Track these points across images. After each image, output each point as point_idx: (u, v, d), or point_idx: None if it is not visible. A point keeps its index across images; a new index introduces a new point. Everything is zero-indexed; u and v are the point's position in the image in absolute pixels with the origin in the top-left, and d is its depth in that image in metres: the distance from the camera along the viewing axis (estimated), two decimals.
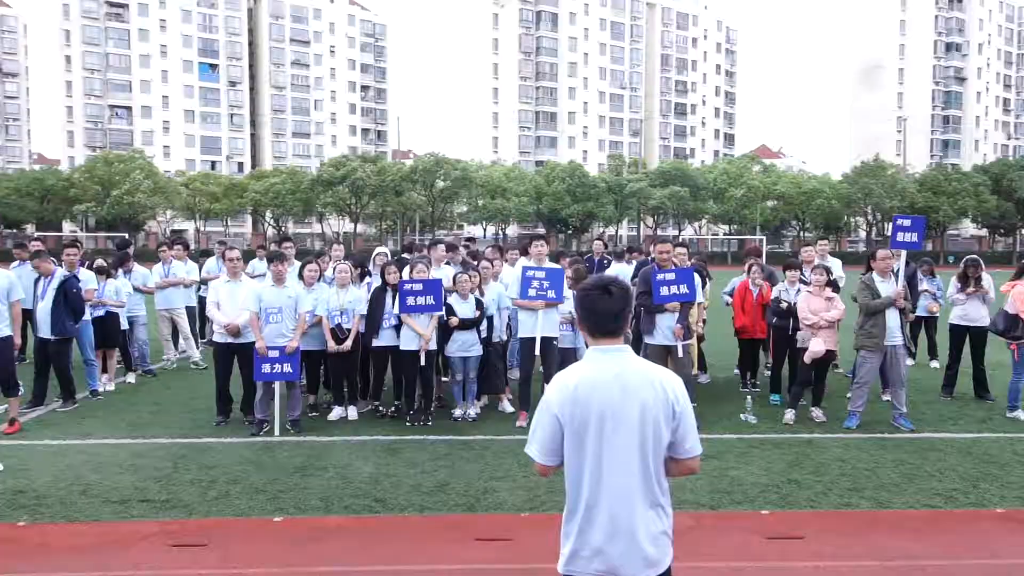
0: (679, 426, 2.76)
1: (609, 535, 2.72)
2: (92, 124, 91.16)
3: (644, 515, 2.74)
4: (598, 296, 2.80)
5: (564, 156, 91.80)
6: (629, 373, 2.75)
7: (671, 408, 2.74)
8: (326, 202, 64.43)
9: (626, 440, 2.71)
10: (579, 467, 2.77)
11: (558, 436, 2.78)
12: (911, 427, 8.16)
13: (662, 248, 8.35)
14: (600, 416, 2.71)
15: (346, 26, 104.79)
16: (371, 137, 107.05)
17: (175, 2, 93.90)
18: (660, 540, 2.78)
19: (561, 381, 2.81)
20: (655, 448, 2.74)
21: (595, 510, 2.75)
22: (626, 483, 2.72)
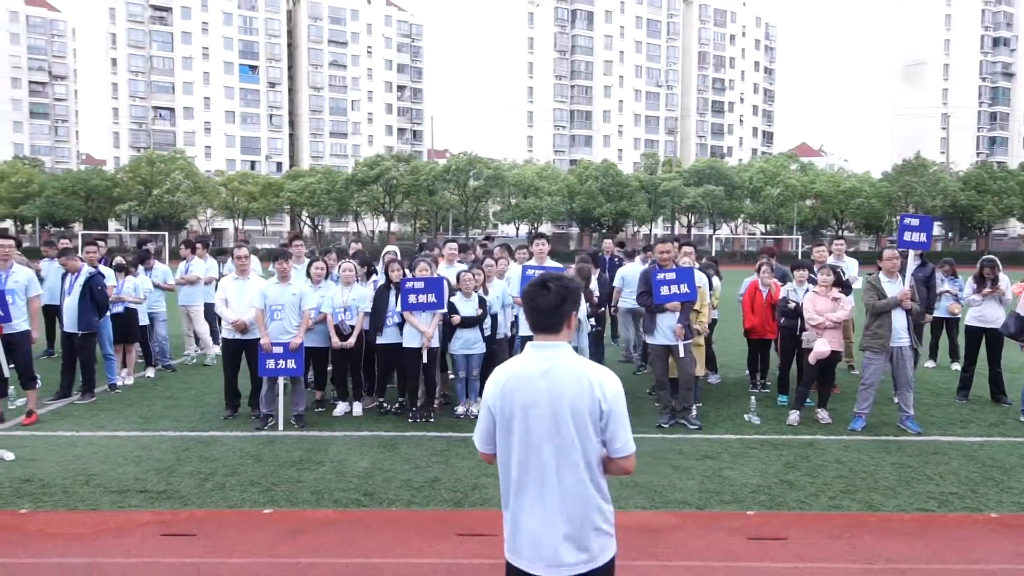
0: (607, 424, 2.79)
1: (535, 526, 2.77)
2: (136, 125, 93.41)
3: (572, 508, 2.77)
4: (536, 292, 2.85)
5: (599, 155, 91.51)
6: (558, 369, 2.78)
7: (597, 406, 2.77)
8: (360, 201, 65.10)
9: (550, 434, 2.75)
10: (508, 457, 2.85)
11: (491, 427, 2.89)
12: (918, 430, 8.03)
13: (662, 248, 8.33)
14: (524, 409, 2.77)
15: (383, 27, 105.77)
16: (407, 137, 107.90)
17: (217, 5, 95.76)
18: (591, 534, 2.80)
19: (495, 375, 2.90)
20: (583, 444, 2.77)
21: (523, 500, 2.81)
22: (551, 476, 2.76)
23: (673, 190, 62.98)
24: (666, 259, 8.26)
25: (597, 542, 2.81)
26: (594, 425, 2.78)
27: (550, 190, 63.30)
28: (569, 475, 2.77)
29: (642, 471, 6.70)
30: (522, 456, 2.80)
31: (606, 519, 2.85)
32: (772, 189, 64.32)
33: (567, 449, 2.76)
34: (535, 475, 2.79)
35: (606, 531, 2.85)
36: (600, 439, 2.80)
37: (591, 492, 2.81)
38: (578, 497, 2.78)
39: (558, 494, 2.77)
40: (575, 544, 2.77)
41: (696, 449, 7.42)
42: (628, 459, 2.84)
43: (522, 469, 2.81)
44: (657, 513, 5.78)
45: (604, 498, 2.87)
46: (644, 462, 6.90)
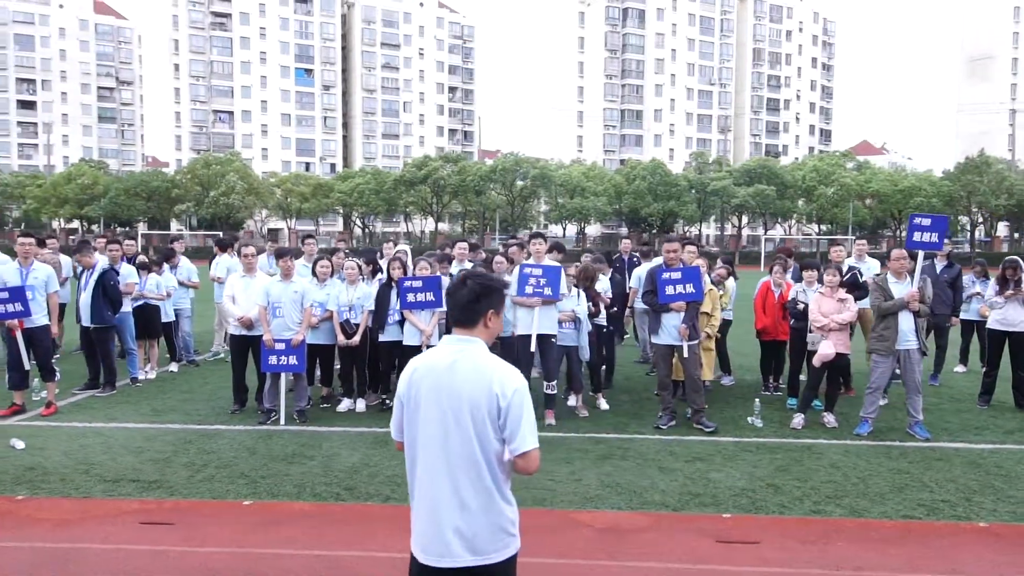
0: (505, 422, 2.79)
1: (429, 518, 2.81)
2: (197, 128, 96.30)
3: (469, 502, 2.78)
4: (455, 287, 2.92)
5: (650, 154, 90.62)
6: (462, 363, 2.81)
7: (496, 402, 2.77)
8: (408, 201, 65.81)
9: (449, 428, 2.78)
10: (411, 448, 2.90)
11: (400, 416, 2.95)
12: (926, 435, 7.77)
13: (669, 247, 8.25)
14: (427, 400, 2.82)
15: (435, 28, 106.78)
16: (458, 137, 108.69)
17: (274, 10, 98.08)
18: (487, 530, 2.81)
19: (409, 365, 2.97)
20: (482, 438, 2.78)
21: (420, 492, 2.86)
22: (447, 469, 2.79)
23: (723, 189, 61.94)
24: (672, 259, 8.18)
25: (492, 538, 2.82)
26: (492, 422, 2.79)
27: (596, 190, 62.94)
28: (466, 470, 2.79)
29: (627, 472, 6.67)
30: (423, 448, 2.84)
31: (504, 516, 2.85)
32: (826, 188, 62.72)
33: (465, 444, 2.78)
34: (434, 468, 2.82)
35: (503, 528, 2.85)
36: (499, 436, 2.81)
37: (488, 488, 2.82)
38: (475, 492, 2.79)
39: (455, 488, 2.79)
40: (469, 539, 2.79)
41: (688, 451, 7.34)
42: (526, 456, 2.81)
43: (423, 461, 2.85)
44: (631, 514, 5.74)
45: (502, 495, 2.87)
46: (632, 463, 6.89)
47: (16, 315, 8.25)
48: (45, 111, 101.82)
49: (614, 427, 8.21)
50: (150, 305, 10.67)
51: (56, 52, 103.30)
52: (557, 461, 6.96)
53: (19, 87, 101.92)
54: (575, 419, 8.55)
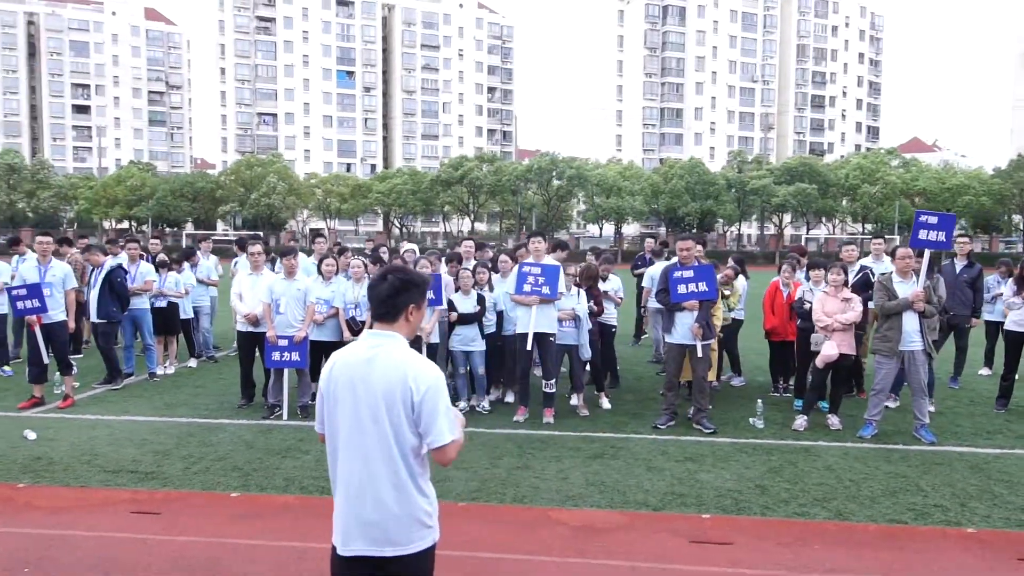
0: (420, 416, 2.83)
1: (348, 510, 2.86)
2: (242, 131, 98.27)
3: (384, 494, 2.83)
4: (376, 282, 2.96)
5: (690, 153, 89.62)
6: (380, 358, 2.85)
7: (410, 397, 2.81)
8: (444, 202, 66.22)
9: (364, 420, 2.83)
10: (331, 440, 2.95)
11: (322, 408, 3.00)
12: (932, 439, 7.59)
13: (683, 246, 8.17)
14: (345, 394, 2.87)
15: (474, 29, 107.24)
16: (497, 138, 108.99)
17: (316, 14, 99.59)
18: (403, 521, 2.85)
19: (331, 358, 3.02)
20: (397, 431, 2.82)
21: (339, 483, 2.92)
22: (364, 462, 2.84)
23: (762, 188, 60.98)
24: (686, 257, 8.11)
25: (408, 530, 2.86)
26: (407, 416, 2.82)
27: (633, 189, 62.51)
28: (383, 463, 2.83)
29: (614, 471, 6.65)
30: (342, 440, 2.89)
31: (420, 508, 2.89)
32: (870, 187, 61.31)
33: (381, 437, 2.82)
34: (352, 460, 2.86)
35: (419, 520, 2.89)
36: (414, 430, 2.85)
37: (404, 481, 2.85)
38: (391, 485, 2.83)
39: (372, 480, 2.83)
40: (385, 530, 2.83)
41: (682, 451, 7.28)
42: (442, 450, 2.84)
43: (342, 453, 2.89)
44: (609, 512, 5.73)
45: (418, 488, 2.90)
46: (623, 462, 6.87)
47: (34, 311, 8.56)
48: (99, 115, 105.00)
49: (612, 426, 8.18)
50: (171, 303, 10.95)
51: (109, 58, 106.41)
52: (547, 459, 6.98)
53: (74, 92, 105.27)
54: (574, 418, 8.54)
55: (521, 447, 7.36)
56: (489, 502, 5.94)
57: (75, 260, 11.33)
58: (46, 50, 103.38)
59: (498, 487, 6.24)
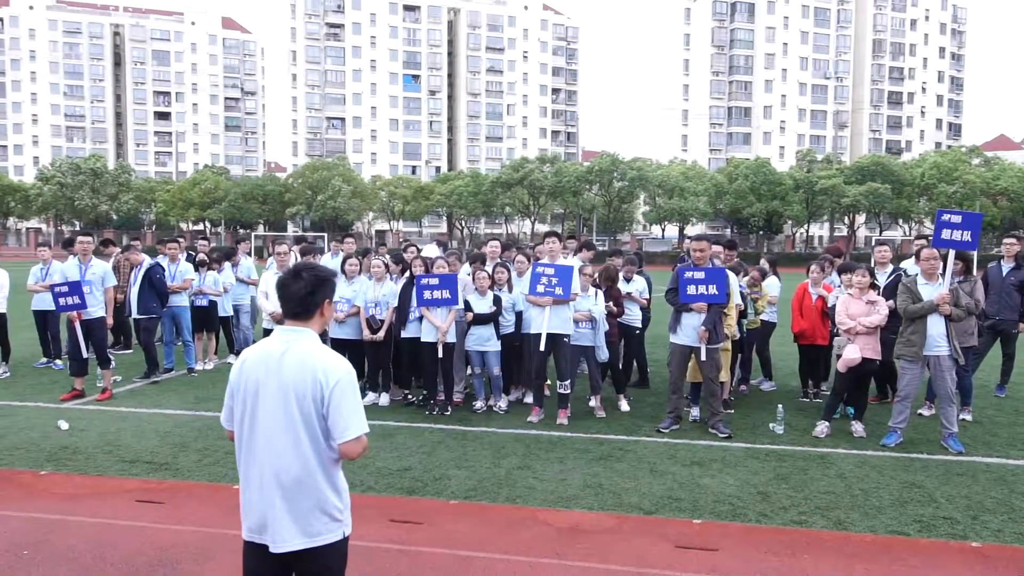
0: (329, 410, 2.88)
1: (257, 501, 2.91)
2: (312, 135, 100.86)
3: (293, 487, 2.88)
4: (289, 281, 3.00)
5: (759, 153, 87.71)
6: (292, 353, 2.91)
7: (320, 391, 2.87)
8: (504, 203, 66.43)
9: (275, 414, 2.88)
10: (240, 433, 3.01)
11: (231, 403, 3.06)
12: (959, 448, 7.24)
13: (697, 247, 8.03)
14: (256, 387, 2.93)
15: (539, 31, 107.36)
16: (561, 139, 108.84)
17: (384, 19, 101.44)
18: (312, 514, 2.90)
19: (242, 355, 3.08)
20: (308, 426, 2.88)
21: (248, 477, 2.97)
22: (272, 455, 2.89)
23: (832, 188, 59.08)
24: (700, 258, 7.96)
25: (318, 522, 2.91)
26: (317, 410, 2.88)
27: (696, 190, 61.45)
28: (293, 456, 2.88)
29: (616, 474, 6.58)
30: (253, 434, 2.95)
31: (329, 502, 2.94)
32: (947, 186, 58.69)
33: (292, 431, 2.88)
34: (263, 454, 2.91)
35: (328, 513, 2.93)
36: (324, 424, 2.90)
37: (314, 474, 2.90)
38: (300, 478, 2.88)
39: (282, 474, 2.88)
40: (295, 523, 2.88)
41: (691, 455, 7.15)
42: (350, 444, 2.89)
43: (251, 447, 2.95)
44: (598, 515, 5.67)
45: (328, 481, 2.94)
46: (627, 465, 6.78)
47: (74, 307, 8.99)
48: (178, 121, 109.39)
49: (626, 429, 8.09)
50: (210, 300, 11.34)
51: (188, 66, 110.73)
52: (550, 460, 6.95)
53: (156, 99, 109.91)
54: (590, 419, 8.47)
55: (528, 447, 7.35)
56: (481, 501, 5.95)
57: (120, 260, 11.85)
58: (130, 59, 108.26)
59: (494, 486, 6.24)
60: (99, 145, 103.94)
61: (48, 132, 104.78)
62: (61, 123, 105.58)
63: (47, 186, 72.18)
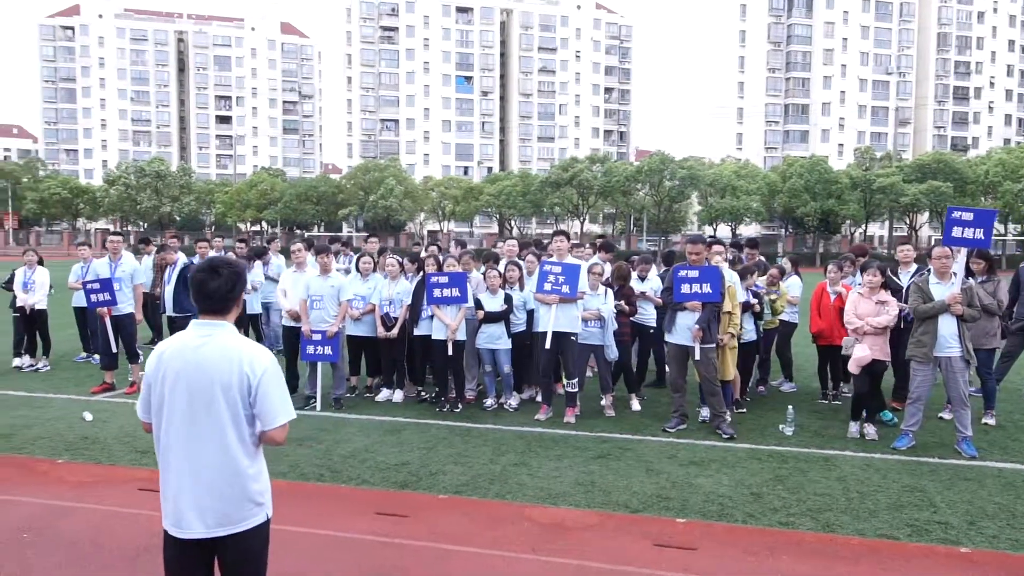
0: (256, 398, 2.98)
1: (179, 491, 2.98)
2: (366, 137, 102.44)
3: (216, 475, 2.97)
4: (207, 277, 3.07)
5: (816, 151, 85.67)
6: (212, 345, 3.01)
7: (246, 381, 2.97)
8: (552, 203, 66.34)
9: (198, 405, 2.97)
10: (159, 424, 3.06)
11: (148, 395, 3.10)
12: (973, 453, 7.02)
13: (692, 249, 7.97)
14: (175, 379, 3.00)
15: (592, 30, 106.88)
16: (614, 138, 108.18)
17: (437, 21, 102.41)
18: (243, 502, 3.01)
19: (157, 348, 3.13)
20: (232, 415, 2.98)
21: (169, 467, 3.03)
22: (208, 447, 2.98)
23: (890, 187, 57.31)
24: (695, 260, 7.90)
25: (240, 508, 3.00)
26: (243, 399, 2.98)
27: (748, 189, 60.33)
28: (216, 446, 2.97)
29: (611, 472, 6.58)
30: (173, 425, 3.00)
31: (252, 488, 3.04)
32: (1013, 184, 56.36)
33: (215, 421, 2.96)
34: (185, 444, 2.98)
35: (251, 499, 3.03)
36: (249, 412, 3.01)
37: (237, 462, 2.99)
38: (223, 466, 2.98)
39: (205, 463, 2.96)
40: (219, 510, 2.97)
41: (692, 455, 7.09)
42: (278, 430, 3.02)
43: (172, 438, 3.01)
44: (584, 512, 5.69)
45: (252, 467, 3.05)
46: (624, 464, 6.77)
47: (104, 303, 9.39)
48: (238, 124, 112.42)
49: (632, 428, 8.06)
50: None
51: (248, 71, 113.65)
52: (549, 458, 6.98)
53: (217, 104, 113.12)
54: (598, 418, 8.46)
55: (529, 445, 7.39)
56: (471, 496, 6.02)
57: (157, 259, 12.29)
58: (193, 65, 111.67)
59: (486, 482, 6.31)
60: (164, 148, 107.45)
61: (116, 136, 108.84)
62: (128, 128, 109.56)
63: (113, 188, 75.00)
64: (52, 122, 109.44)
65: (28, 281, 11.10)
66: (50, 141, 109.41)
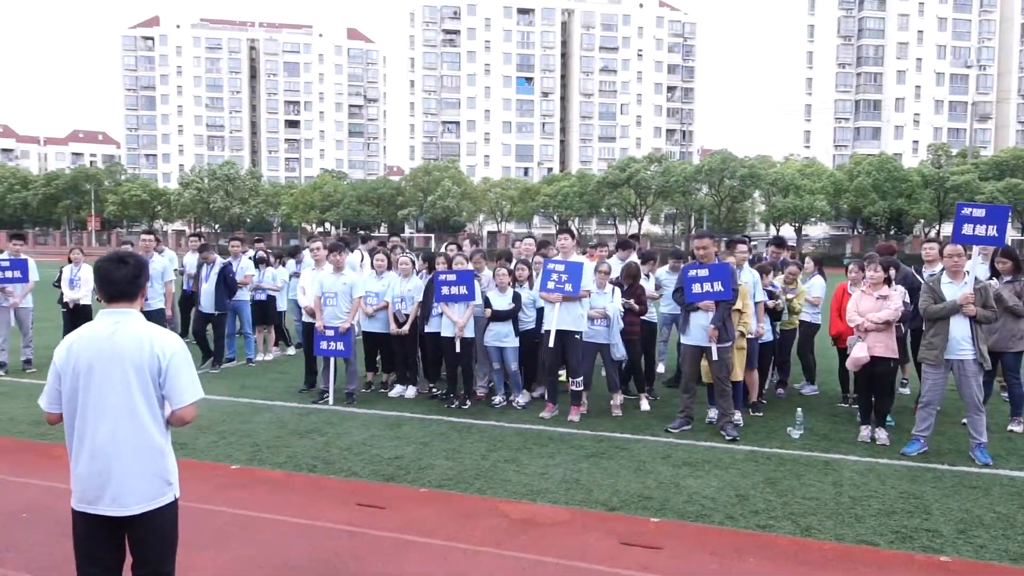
0: (165, 380, 3.13)
1: (92, 472, 3.12)
2: (428, 139, 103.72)
3: (130, 455, 3.12)
4: (113, 267, 3.22)
5: (890, 148, 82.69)
6: (122, 332, 3.16)
7: (156, 362, 3.12)
8: (610, 203, 65.81)
9: (111, 389, 3.12)
10: (72, 411, 3.18)
11: (57, 387, 3.21)
12: (986, 460, 6.72)
13: (699, 244, 7.87)
14: (89, 367, 3.14)
15: (654, 28, 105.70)
16: (676, 138, 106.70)
17: (498, 23, 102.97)
18: (152, 481, 3.15)
19: (66, 339, 3.25)
20: (145, 398, 3.13)
21: (82, 450, 3.16)
22: (119, 428, 3.12)
23: (964, 185, 54.84)
24: (703, 256, 7.78)
25: (150, 487, 3.15)
26: (153, 380, 3.13)
27: (813, 188, 58.61)
28: (128, 428, 3.11)
29: (599, 471, 6.54)
30: (85, 410, 3.14)
31: (162, 467, 3.19)
32: None
33: (127, 404, 3.11)
34: (96, 427, 3.12)
35: (162, 478, 3.18)
36: (159, 394, 3.15)
37: (148, 442, 3.15)
38: (134, 447, 3.12)
39: (116, 445, 3.10)
40: (133, 487, 3.11)
41: (688, 456, 6.99)
42: (187, 409, 3.19)
43: (88, 421, 3.14)
44: (558, 509, 5.68)
45: (161, 448, 3.19)
46: (615, 463, 6.71)
47: None
48: (306, 129, 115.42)
49: (635, 428, 7.98)
50: (270, 296, 12.04)
51: (316, 76, 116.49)
52: (540, 455, 6.98)
53: (287, 109, 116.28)
54: (602, 417, 8.41)
55: (526, 442, 7.40)
56: (453, 490, 6.07)
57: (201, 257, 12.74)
58: (264, 72, 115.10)
59: (472, 477, 6.35)
60: (236, 153, 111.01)
61: (192, 141, 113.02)
62: (203, 133, 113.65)
63: (187, 191, 77.98)
64: (133, 128, 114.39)
65: (74, 278, 11.64)
66: (132, 146, 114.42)
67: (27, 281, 10.70)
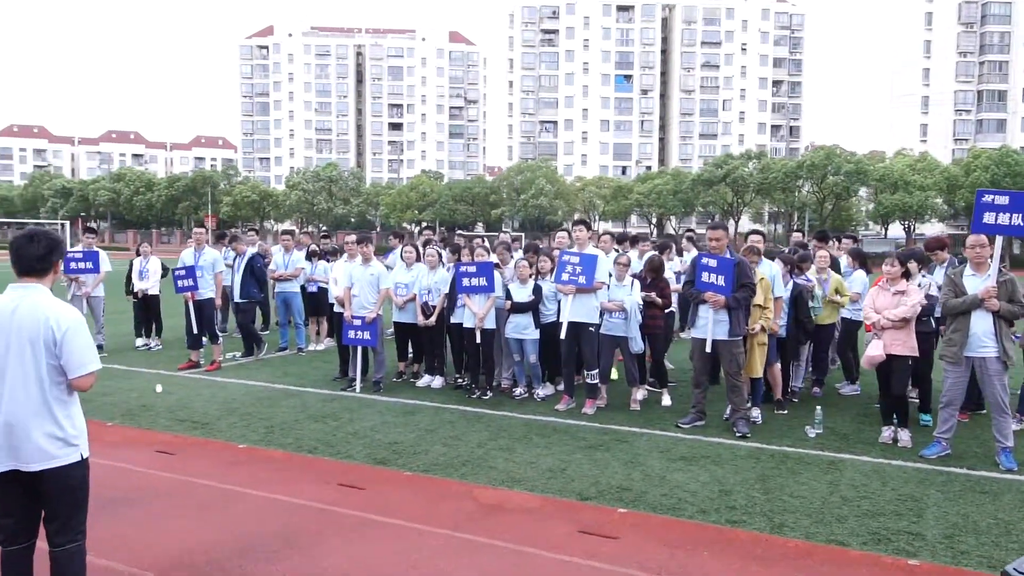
0: (61, 351, 3.39)
1: (6, 435, 3.40)
2: (526, 139, 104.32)
3: (36, 420, 3.39)
4: (24, 243, 3.50)
5: (1015, 141, 76.97)
6: (24, 305, 3.42)
7: (52, 335, 3.38)
8: (705, 201, 64.20)
9: (16, 359, 3.39)
10: None
11: None
12: (1010, 465, 6.26)
13: (713, 235, 7.66)
14: None
15: (759, 21, 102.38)
16: (782, 134, 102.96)
17: (597, 21, 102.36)
18: (53, 442, 3.42)
19: None
20: (48, 368, 3.40)
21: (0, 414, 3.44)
22: (19, 394, 3.39)
23: None
24: (716, 247, 7.58)
25: (53, 446, 3.41)
26: (49, 351, 3.39)
27: (924, 184, 55.23)
28: (30, 394, 3.38)
29: (589, 463, 6.51)
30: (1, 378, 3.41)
31: (63, 428, 3.44)
32: None
33: (28, 373, 3.39)
34: (1, 393, 3.39)
35: (63, 439, 3.43)
36: (57, 363, 3.41)
37: (49, 407, 3.40)
38: (35, 412, 3.39)
39: (19, 409, 3.37)
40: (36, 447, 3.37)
41: (688, 451, 6.85)
42: (82, 379, 3.44)
43: None
44: (529, 496, 5.69)
45: (63, 411, 3.44)
46: (610, 455, 6.65)
47: (189, 289, 10.44)
48: (408, 131, 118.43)
49: (646, 422, 7.86)
50: (321, 288, 12.51)
51: (419, 79, 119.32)
52: (537, 445, 6.99)
53: (390, 112, 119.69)
54: (620, 411, 8.31)
55: (528, 432, 7.42)
56: (437, 476, 6.18)
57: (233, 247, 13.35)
58: (369, 76, 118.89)
59: (460, 463, 6.44)
60: (342, 155, 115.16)
61: (302, 145, 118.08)
62: (312, 136, 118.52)
63: (293, 192, 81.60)
64: (249, 133, 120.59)
65: (143, 270, 12.48)
66: (247, 150, 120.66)
67: (98, 272, 11.54)
